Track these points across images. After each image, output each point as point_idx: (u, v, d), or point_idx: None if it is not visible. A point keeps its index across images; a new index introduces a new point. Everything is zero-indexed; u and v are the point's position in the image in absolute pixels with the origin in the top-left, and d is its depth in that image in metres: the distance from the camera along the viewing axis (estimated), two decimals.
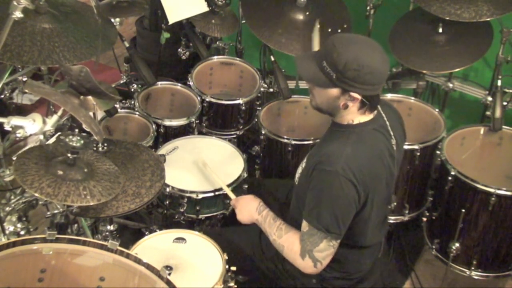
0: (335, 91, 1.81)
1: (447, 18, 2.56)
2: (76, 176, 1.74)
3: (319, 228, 1.81)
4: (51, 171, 1.72)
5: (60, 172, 1.72)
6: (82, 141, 1.74)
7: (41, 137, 1.98)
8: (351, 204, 1.81)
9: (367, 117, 1.88)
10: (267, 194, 2.33)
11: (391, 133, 1.94)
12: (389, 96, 2.83)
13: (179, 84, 2.94)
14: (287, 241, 1.93)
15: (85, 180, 1.74)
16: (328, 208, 1.79)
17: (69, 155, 1.74)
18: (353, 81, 1.76)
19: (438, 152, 2.61)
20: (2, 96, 2.88)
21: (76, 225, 2.27)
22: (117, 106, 2.64)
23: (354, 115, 1.86)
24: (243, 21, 3.14)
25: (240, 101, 2.85)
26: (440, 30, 2.72)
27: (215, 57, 3.14)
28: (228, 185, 2.36)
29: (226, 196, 2.36)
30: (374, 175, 1.84)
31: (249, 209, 2.07)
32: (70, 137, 1.74)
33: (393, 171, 1.96)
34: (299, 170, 2.01)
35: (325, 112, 1.92)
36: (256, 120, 2.87)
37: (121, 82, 3.02)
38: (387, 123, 1.94)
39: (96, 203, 1.70)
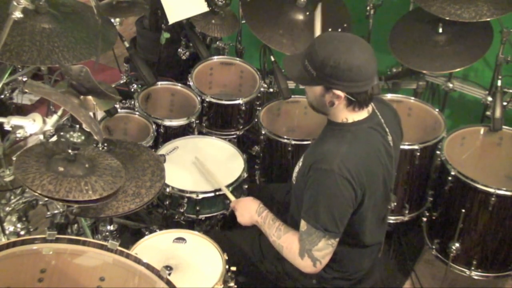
0: (319, 89, 1.84)
1: (447, 18, 2.56)
2: (78, 172, 1.73)
3: (317, 227, 1.81)
4: (52, 168, 1.72)
5: (61, 169, 1.72)
6: (82, 137, 1.74)
7: (41, 137, 1.98)
8: (348, 203, 1.81)
9: (362, 115, 1.88)
10: (266, 197, 2.33)
11: (387, 130, 1.94)
12: (389, 96, 2.83)
13: (179, 84, 2.94)
14: (286, 241, 1.93)
15: (86, 176, 1.73)
16: (325, 207, 1.80)
17: (70, 151, 1.74)
18: (331, 77, 1.77)
19: (438, 152, 2.61)
20: (2, 96, 2.88)
21: (76, 225, 2.27)
22: (117, 106, 2.64)
23: (346, 113, 1.86)
24: (243, 21, 3.14)
25: (240, 101, 2.85)
26: (440, 30, 2.72)
27: (215, 57, 3.14)
28: (228, 185, 2.36)
29: (226, 196, 2.36)
30: (371, 173, 1.85)
31: (249, 211, 2.08)
32: (71, 133, 1.74)
33: (391, 169, 1.96)
34: (296, 169, 2.01)
35: (318, 110, 1.93)
36: (256, 120, 2.87)
37: (121, 82, 3.02)
38: (382, 120, 1.94)
39: (98, 197, 1.69)
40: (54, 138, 2.00)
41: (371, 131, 1.89)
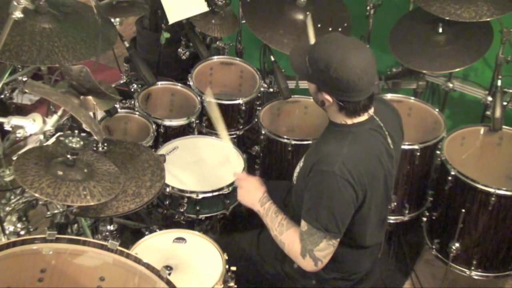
0: (313, 86, 1.86)
1: (447, 18, 2.56)
2: (76, 177, 1.74)
3: (318, 227, 1.81)
4: (51, 171, 1.72)
5: (60, 173, 1.72)
6: (81, 142, 1.74)
7: (41, 137, 1.98)
8: (349, 204, 1.81)
9: (363, 117, 1.88)
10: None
11: (386, 133, 1.93)
12: (389, 96, 2.83)
13: (179, 84, 2.94)
14: (288, 239, 1.93)
15: (85, 181, 1.74)
16: (326, 208, 1.80)
17: (68, 156, 1.74)
18: (321, 81, 1.78)
19: (438, 152, 2.61)
20: (2, 96, 2.88)
21: (76, 225, 2.27)
22: (117, 106, 2.63)
23: (343, 116, 1.86)
24: (243, 21, 3.14)
25: (240, 101, 2.85)
26: (440, 30, 2.72)
27: (215, 57, 3.14)
28: (228, 185, 2.36)
29: (226, 196, 2.36)
30: (372, 174, 1.85)
31: (252, 196, 2.06)
32: (70, 138, 1.74)
33: (392, 170, 1.96)
34: (297, 169, 2.01)
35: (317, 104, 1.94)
36: (256, 120, 2.87)
37: (121, 82, 3.02)
38: (381, 124, 1.93)
39: (96, 203, 1.71)
40: (54, 139, 2.00)
41: (373, 132, 1.89)
